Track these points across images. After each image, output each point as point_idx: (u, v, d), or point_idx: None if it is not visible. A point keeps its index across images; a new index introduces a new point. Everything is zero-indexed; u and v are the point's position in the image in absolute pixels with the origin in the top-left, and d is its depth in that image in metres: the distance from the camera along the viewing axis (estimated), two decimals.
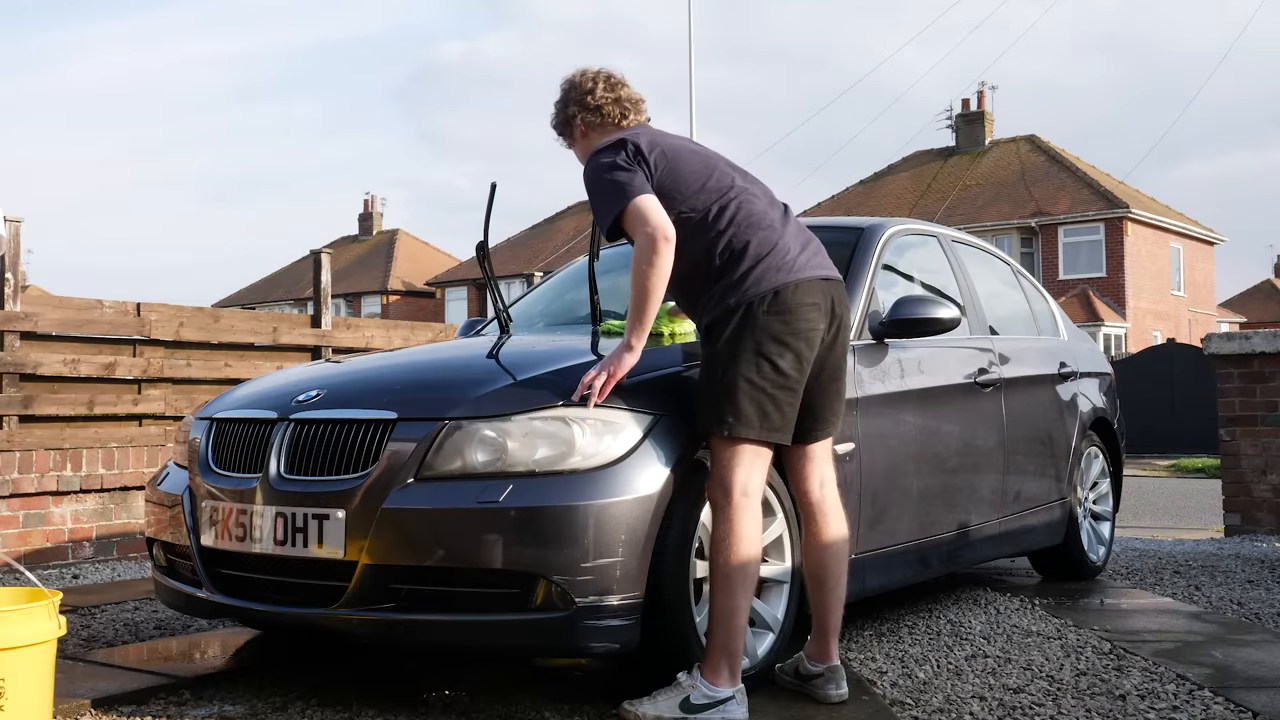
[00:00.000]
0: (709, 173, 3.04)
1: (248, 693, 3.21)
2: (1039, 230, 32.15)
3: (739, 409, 2.86)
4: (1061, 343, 5.31)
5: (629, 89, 3.21)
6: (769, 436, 2.90)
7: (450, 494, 2.82)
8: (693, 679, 2.84)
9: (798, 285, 2.95)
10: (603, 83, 3.18)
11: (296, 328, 7.32)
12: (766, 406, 2.88)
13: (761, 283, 2.92)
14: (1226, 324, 38.54)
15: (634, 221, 2.91)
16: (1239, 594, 4.86)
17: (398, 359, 3.64)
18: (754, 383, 2.87)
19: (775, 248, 2.98)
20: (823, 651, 3.13)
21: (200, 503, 3.19)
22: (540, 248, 40.62)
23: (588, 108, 3.17)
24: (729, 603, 2.84)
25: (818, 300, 2.98)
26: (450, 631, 2.84)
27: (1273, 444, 6.82)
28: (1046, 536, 4.87)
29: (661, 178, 2.97)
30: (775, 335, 2.90)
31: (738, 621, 2.85)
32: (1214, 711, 3.01)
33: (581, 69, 3.24)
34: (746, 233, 2.98)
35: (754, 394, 2.87)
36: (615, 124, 3.16)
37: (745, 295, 2.91)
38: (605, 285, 3.99)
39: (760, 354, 2.88)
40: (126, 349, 6.47)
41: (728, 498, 2.86)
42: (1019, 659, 3.59)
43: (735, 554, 2.84)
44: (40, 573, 5.45)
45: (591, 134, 3.18)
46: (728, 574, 2.84)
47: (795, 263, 2.98)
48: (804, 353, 2.94)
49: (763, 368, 2.88)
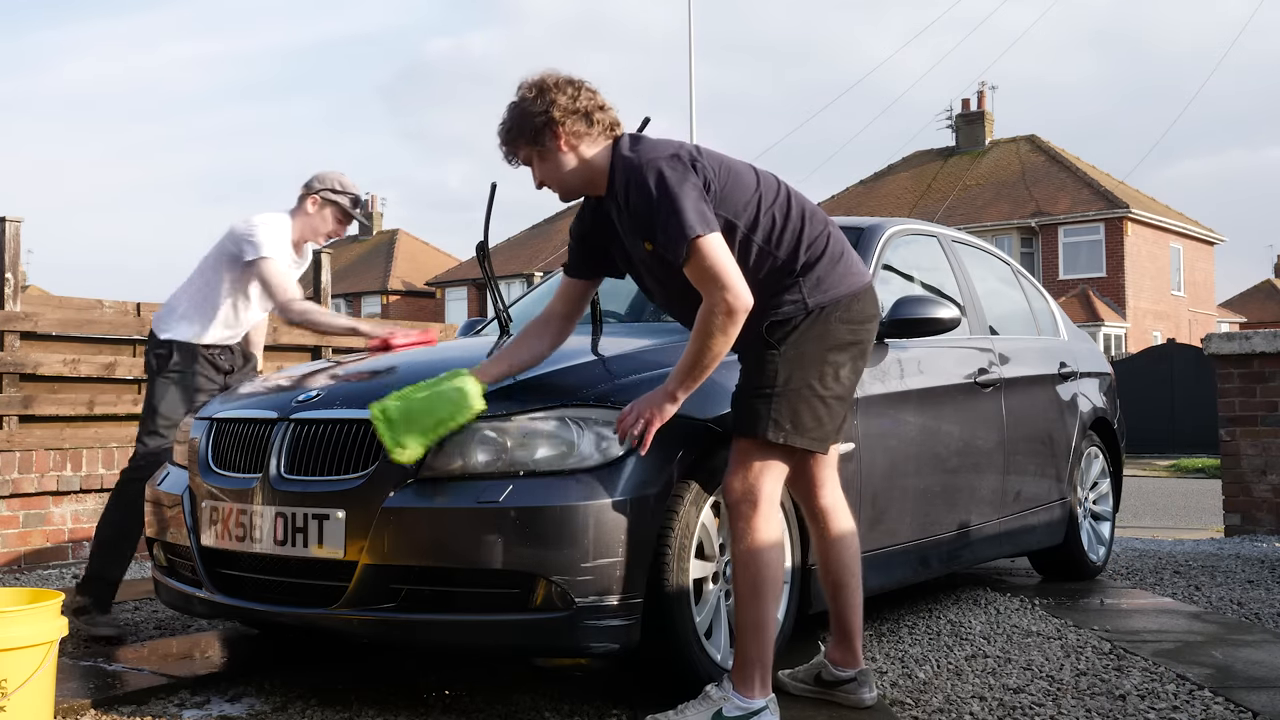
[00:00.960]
0: (755, 175, 2.88)
1: (248, 693, 3.21)
2: (1039, 230, 32.15)
3: (798, 416, 2.76)
4: (1061, 343, 5.31)
5: (596, 94, 2.85)
6: (814, 446, 2.82)
7: (450, 494, 2.82)
8: (723, 690, 2.76)
9: (866, 291, 2.88)
10: (584, 87, 2.83)
11: (297, 327, 7.30)
12: (822, 415, 2.80)
13: (839, 287, 2.82)
14: (1226, 324, 38.53)
15: (705, 271, 2.65)
16: (1239, 594, 4.86)
17: (398, 359, 3.64)
18: (815, 390, 2.77)
19: (845, 249, 2.89)
20: (849, 656, 3.07)
21: (200, 503, 3.19)
22: (540, 248, 40.61)
23: (575, 112, 2.79)
24: (759, 613, 2.76)
25: (876, 311, 2.92)
26: (450, 631, 2.84)
27: (1273, 444, 6.82)
28: (1046, 536, 4.87)
29: (721, 185, 2.78)
30: (843, 344, 2.82)
31: (769, 631, 2.78)
32: (1214, 711, 3.01)
33: (542, 73, 2.85)
34: (818, 229, 2.85)
35: (814, 402, 2.78)
36: (605, 133, 2.83)
37: (823, 298, 2.80)
38: (605, 285, 3.98)
39: (826, 362, 2.79)
40: (126, 349, 6.48)
41: (754, 505, 2.76)
42: (1019, 659, 3.59)
43: (765, 563, 2.75)
44: (40, 573, 5.45)
45: (580, 145, 2.81)
46: (758, 583, 2.75)
47: (860, 266, 2.91)
48: (861, 365, 2.88)
49: (826, 376, 2.79)
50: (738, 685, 2.76)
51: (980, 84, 40.27)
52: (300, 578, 2.96)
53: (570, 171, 2.84)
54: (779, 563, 2.81)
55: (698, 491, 2.96)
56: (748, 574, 2.76)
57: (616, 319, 4.28)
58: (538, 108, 2.79)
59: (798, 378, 2.77)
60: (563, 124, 2.78)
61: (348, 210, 4.33)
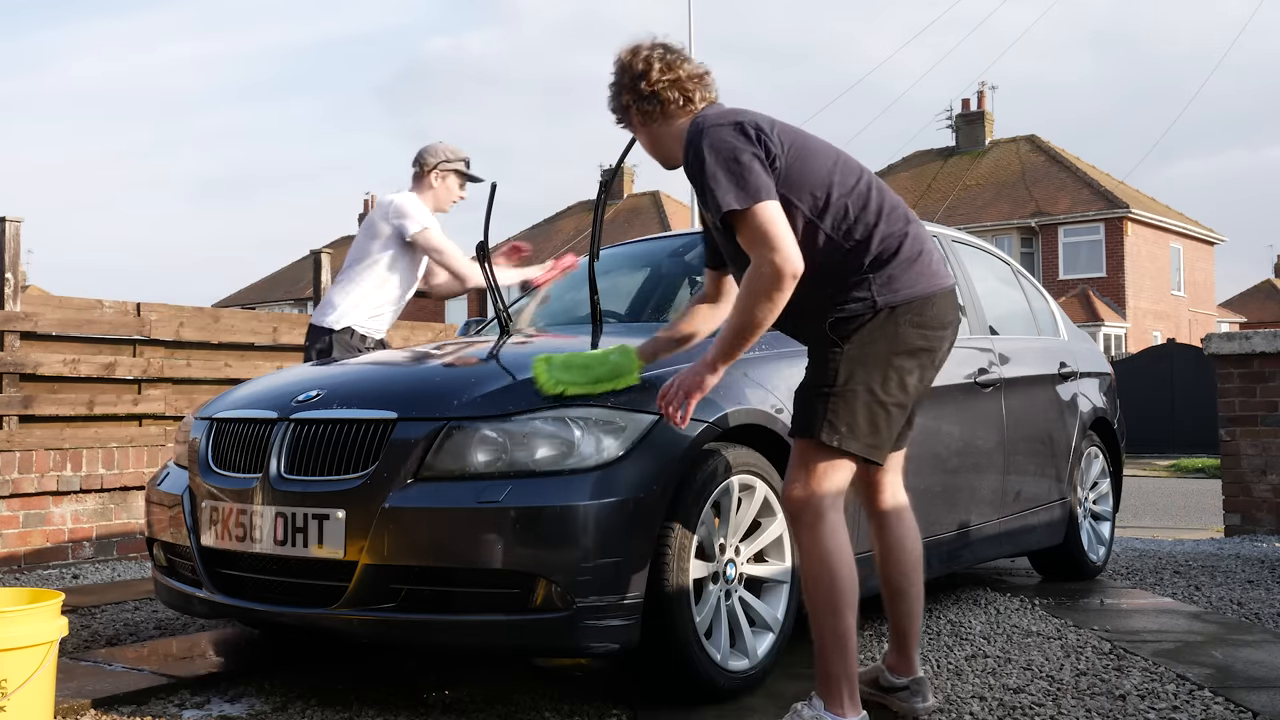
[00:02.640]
0: (834, 156, 2.72)
1: (248, 693, 3.21)
2: (1039, 230, 32.15)
3: (854, 419, 2.62)
4: (1061, 343, 5.31)
5: (689, 65, 2.82)
6: (869, 454, 2.66)
7: (450, 494, 2.82)
8: (814, 710, 2.62)
9: (943, 295, 2.71)
10: (658, 64, 2.79)
11: (296, 328, 7.31)
12: (880, 422, 2.64)
13: (913, 286, 2.66)
14: (1226, 324, 38.53)
15: (755, 235, 2.55)
16: (1239, 594, 4.86)
17: (397, 358, 3.64)
18: (875, 395, 2.62)
19: (925, 249, 2.71)
20: (906, 664, 2.94)
21: (200, 503, 3.19)
22: (540, 248, 40.57)
23: (642, 96, 2.80)
24: (838, 625, 2.61)
25: (954, 317, 2.75)
26: (450, 631, 2.83)
27: (1273, 444, 6.82)
28: (1046, 536, 4.87)
29: (790, 162, 2.64)
30: (911, 349, 2.65)
31: (849, 644, 2.62)
32: (1214, 711, 3.01)
33: (633, 46, 2.84)
34: (896, 226, 2.68)
35: (873, 407, 2.63)
36: (680, 110, 2.80)
37: (893, 297, 2.64)
38: (605, 285, 3.99)
39: (891, 366, 2.63)
40: (126, 349, 6.48)
41: (818, 514, 2.62)
42: (1019, 659, 3.59)
43: (837, 575, 2.60)
44: (40, 573, 5.45)
45: (650, 125, 2.85)
46: (832, 596, 2.61)
47: (941, 268, 2.73)
48: (930, 374, 2.74)
49: (889, 381, 2.63)
50: (828, 704, 2.62)
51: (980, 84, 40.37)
52: (300, 578, 2.96)
53: (654, 142, 2.89)
54: (850, 570, 2.64)
55: (698, 491, 2.96)
56: (820, 588, 2.62)
57: (616, 319, 4.28)
58: (624, 80, 2.85)
59: (858, 378, 2.63)
60: (647, 96, 2.80)
61: (467, 173, 4.77)
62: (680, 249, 4.75)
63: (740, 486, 3.11)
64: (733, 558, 3.11)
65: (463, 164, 4.74)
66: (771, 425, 3.21)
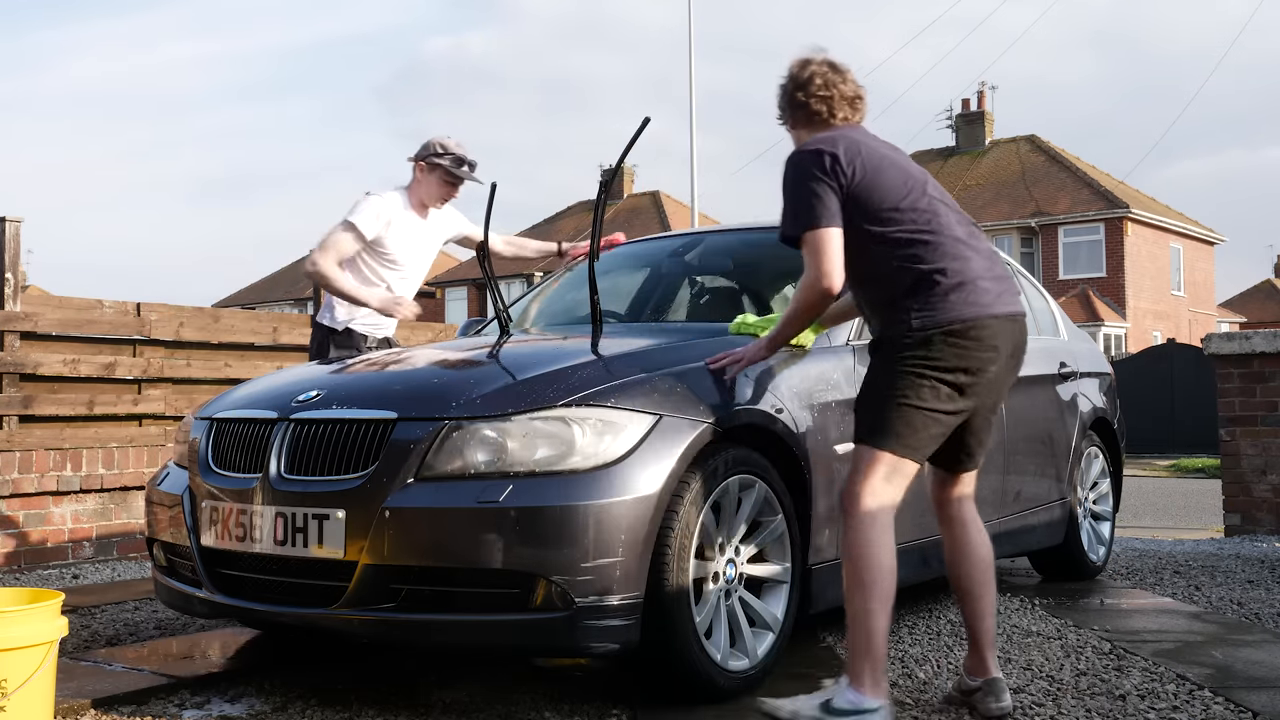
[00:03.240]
0: (906, 189, 2.95)
1: (248, 693, 3.21)
2: (1039, 230, 32.16)
3: (888, 422, 2.85)
4: (1061, 343, 5.30)
5: (848, 85, 3.09)
6: (906, 454, 2.87)
7: (450, 494, 2.82)
8: (840, 686, 2.80)
9: (984, 323, 2.89)
10: (819, 79, 3.07)
11: (296, 328, 7.32)
12: (915, 422, 2.85)
13: (950, 312, 2.87)
14: (1226, 324, 38.54)
15: (810, 251, 2.88)
16: (1239, 594, 4.86)
17: (397, 358, 3.64)
18: (909, 400, 2.84)
19: (966, 280, 2.91)
20: (980, 665, 3.03)
21: (200, 503, 3.19)
22: None
23: (796, 103, 3.10)
24: (856, 607, 2.79)
25: (999, 343, 2.91)
26: (450, 631, 2.84)
27: (1273, 444, 6.82)
28: (1046, 536, 4.87)
29: (857, 187, 2.89)
30: (947, 365, 2.85)
31: (871, 626, 2.78)
32: (1214, 711, 3.01)
33: (805, 57, 3.12)
34: (939, 260, 2.90)
35: (905, 411, 2.84)
36: (823, 122, 3.07)
37: (932, 321, 2.86)
38: (605, 285, 3.99)
39: (924, 378, 2.85)
40: (126, 349, 6.48)
41: (856, 505, 2.84)
42: (1019, 659, 3.59)
43: (864, 565, 2.79)
44: (40, 573, 5.45)
45: (799, 129, 3.12)
46: (853, 580, 2.80)
47: (984, 298, 2.91)
48: (967, 389, 2.89)
49: (923, 390, 2.85)
50: (851, 680, 2.78)
51: (980, 84, 40.37)
52: (300, 578, 2.96)
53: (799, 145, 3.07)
54: (882, 566, 2.80)
55: (698, 491, 2.96)
56: (846, 569, 2.84)
57: (616, 319, 4.28)
58: (789, 85, 3.13)
59: (894, 387, 2.86)
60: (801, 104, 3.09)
61: (452, 171, 4.56)
62: (680, 249, 4.75)
63: (740, 486, 3.11)
64: (732, 557, 3.12)
65: (450, 160, 4.55)
66: (771, 425, 3.22)
